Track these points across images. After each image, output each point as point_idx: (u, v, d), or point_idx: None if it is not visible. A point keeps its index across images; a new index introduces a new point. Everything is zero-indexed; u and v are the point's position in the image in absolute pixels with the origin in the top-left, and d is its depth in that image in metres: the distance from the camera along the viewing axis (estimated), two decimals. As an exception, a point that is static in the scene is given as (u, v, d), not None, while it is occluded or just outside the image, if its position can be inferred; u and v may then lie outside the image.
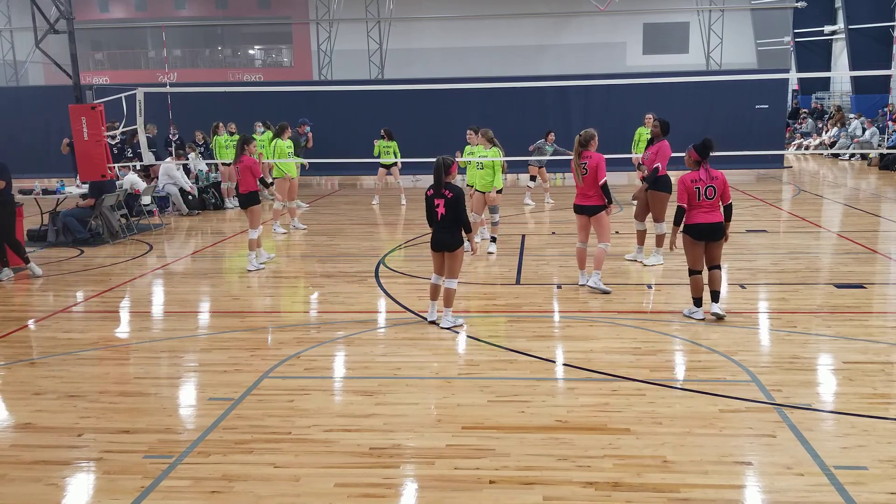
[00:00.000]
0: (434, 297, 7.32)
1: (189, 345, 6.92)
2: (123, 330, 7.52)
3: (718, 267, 7.20)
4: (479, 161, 10.23)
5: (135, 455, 4.68)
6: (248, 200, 9.85)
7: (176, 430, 5.06)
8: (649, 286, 8.68)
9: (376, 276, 9.42)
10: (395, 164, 15.67)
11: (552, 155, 15.55)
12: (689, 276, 7.29)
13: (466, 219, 7.04)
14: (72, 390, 5.80)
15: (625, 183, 18.98)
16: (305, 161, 15.41)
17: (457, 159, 10.53)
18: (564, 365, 6.13)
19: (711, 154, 7.14)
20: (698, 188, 7.03)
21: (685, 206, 7.08)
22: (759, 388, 5.52)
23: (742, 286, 8.55)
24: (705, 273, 7.24)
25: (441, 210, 6.96)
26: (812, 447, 4.58)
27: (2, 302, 8.67)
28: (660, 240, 9.51)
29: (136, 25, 37.11)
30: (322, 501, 4.11)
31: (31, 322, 7.77)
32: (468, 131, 10.83)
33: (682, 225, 7.18)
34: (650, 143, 9.66)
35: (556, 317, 7.58)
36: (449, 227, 7.02)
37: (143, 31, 38.06)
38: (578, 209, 8.56)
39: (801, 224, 12.51)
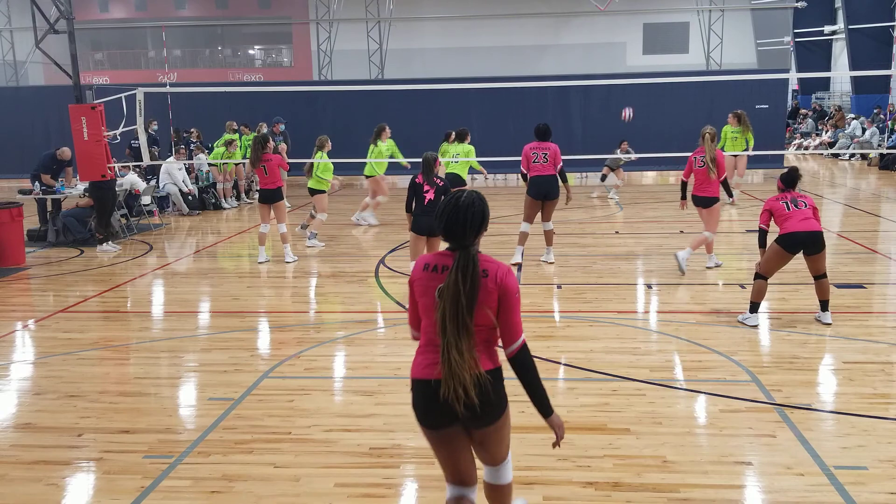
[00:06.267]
0: None
1: (189, 345, 6.92)
2: (123, 330, 7.52)
3: (825, 275, 6.93)
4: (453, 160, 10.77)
5: (135, 455, 4.68)
6: (276, 195, 10.20)
7: (176, 430, 5.05)
8: (650, 286, 8.68)
9: (376, 276, 9.42)
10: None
11: (624, 161, 15.81)
12: (755, 279, 6.99)
13: None
14: (72, 390, 5.80)
15: (649, 182, 18.96)
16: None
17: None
18: (564, 365, 6.13)
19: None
20: (785, 202, 6.84)
21: (766, 227, 6.90)
22: (759, 388, 5.52)
23: (742, 286, 8.54)
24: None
25: (430, 195, 7.55)
26: (812, 447, 4.57)
27: (2, 302, 8.67)
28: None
29: (136, 25, 37.09)
30: (322, 501, 4.11)
31: (31, 322, 7.77)
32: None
33: (765, 247, 6.94)
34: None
35: (557, 317, 7.58)
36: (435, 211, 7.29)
37: (143, 31, 38.05)
38: (694, 200, 9.07)
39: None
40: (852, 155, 23.09)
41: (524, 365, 3.10)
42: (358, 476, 4.37)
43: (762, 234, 6.97)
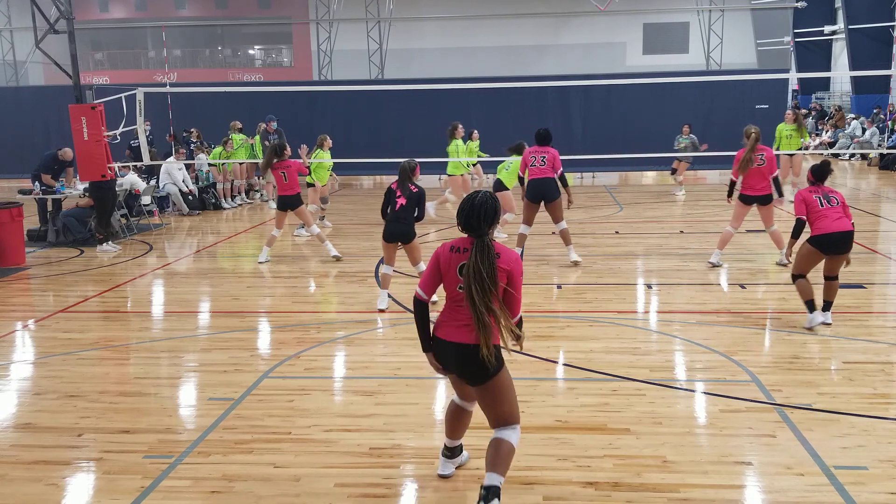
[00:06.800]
0: (386, 285, 7.92)
1: (189, 345, 6.92)
2: (123, 330, 7.52)
3: (836, 277, 6.84)
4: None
5: (135, 455, 4.68)
6: (296, 202, 10.26)
7: (176, 430, 5.05)
8: (650, 286, 8.68)
9: (376, 276, 9.41)
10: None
11: (684, 148, 15.78)
12: (794, 280, 6.88)
13: (424, 212, 7.76)
14: (72, 390, 5.80)
15: (648, 182, 18.96)
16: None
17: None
18: (564, 365, 6.13)
19: (722, 154, 7.11)
20: (818, 197, 6.77)
21: (804, 218, 6.79)
22: (759, 388, 5.52)
23: (742, 286, 8.55)
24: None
25: (402, 201, 7.57)
26: (812, 447, 4.57)
27: (2, 302, 8.67)
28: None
29: (136, 25, 37.10)
30: (322, 501, 4.11)
31: (31, 322, 7.77)
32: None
33: (799, 237, 6.88)
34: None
35: (556, 317, 7.58)
36: (406, 219, 7.63)
37: (143, 31, 38.06)
38: (749, 199, 9.06)
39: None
40: (852, 155, 23.10)
41: (518, 328, 3.92)
42: (358, 476, 4.37)
43: (800, 223, 6.81)
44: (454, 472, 4.35)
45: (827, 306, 6.97)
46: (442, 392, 5.66)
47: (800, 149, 14.39)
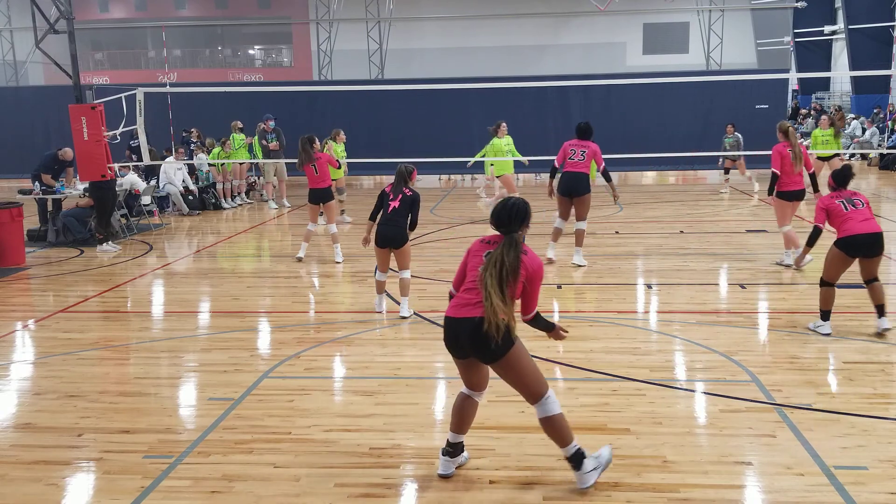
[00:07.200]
0: (381, 291, 7.78)
1: (189, 345, 6.91)
2: (123, 330, 7.52)
3: (877, 279, 6.58)
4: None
5: (135, 455, 4.68)
6: (327, 195, 10.20)
7: (176, 430, 5.05)
8: (650, 286, 8.68)
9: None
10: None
11: (732, 147, 15.89)
12: (821, 286, 6.68)
13: (417, 219, 7.46)
14: (72, 390, 5.80)
15: (648, 182, 18.97)
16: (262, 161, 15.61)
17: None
18: (564, 365, 6.13)
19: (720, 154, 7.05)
20: (841, 201, 6.58)
21: (822, 226, 6.65)
22: (759, 388, 5.52)
23: (742, 286, 8.55)
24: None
25: (395, 204, 7.34)
26: (812, 447, 4.57)
27: (2, 302, 8.67)
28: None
29: (136, 25, 37.12)
30: (322, 501, 4.11)
31: (31, 322, 7.77)
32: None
33: (813, 246, 6.85)
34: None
35: (556, 317, 7.58)
36: (398, 222, 7.37)
37: (143, 31, 38.07)
38: (789, 195, 8.99)
39: (802, 224, 12.49)
40: (852, 155, 23.10)
41: (537, 321, 4.28)
42: (358, 476, 4.37)
43: (817, 231, 6.72)
44: (454, 472, 4.35)
45: (880, 311, 6.65)
46: (442, 392, 5.67)
47: (835, 153, 14.49)
